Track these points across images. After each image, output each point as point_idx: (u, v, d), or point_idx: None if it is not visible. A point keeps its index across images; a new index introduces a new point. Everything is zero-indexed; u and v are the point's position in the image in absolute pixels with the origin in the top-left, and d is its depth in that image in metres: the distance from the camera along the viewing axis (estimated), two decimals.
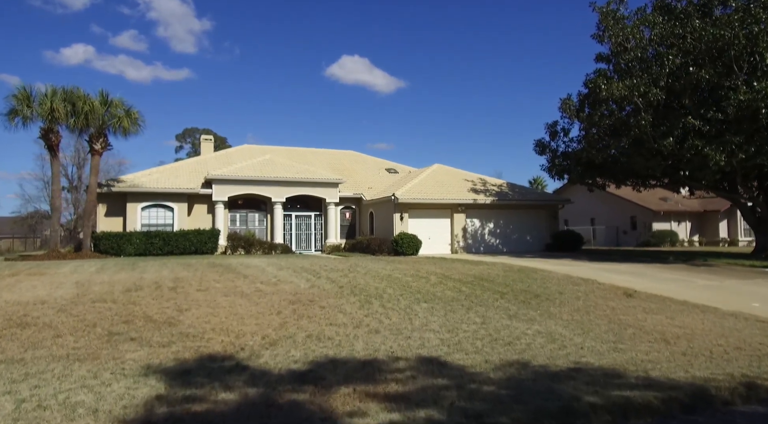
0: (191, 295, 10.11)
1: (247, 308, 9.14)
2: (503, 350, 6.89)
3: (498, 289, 11.58)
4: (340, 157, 33.61)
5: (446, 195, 24.37)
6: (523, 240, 26.08)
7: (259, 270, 14.14)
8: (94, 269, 14.22)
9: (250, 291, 10.68)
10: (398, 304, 9.79)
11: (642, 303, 10.41)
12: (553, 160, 23.50)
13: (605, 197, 34.59)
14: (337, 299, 10.05)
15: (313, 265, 15.65)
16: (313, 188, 26.16)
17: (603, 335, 7.80)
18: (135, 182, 23.78)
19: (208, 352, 6.75)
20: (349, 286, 11.54)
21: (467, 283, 12.35)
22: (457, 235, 24.60)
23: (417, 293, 10.92)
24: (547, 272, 14.42)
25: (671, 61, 17.71)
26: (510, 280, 12.88)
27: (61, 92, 20.60)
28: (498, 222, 25.70)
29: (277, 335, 7.59)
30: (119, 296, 9.84)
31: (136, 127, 22.00)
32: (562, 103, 21.01)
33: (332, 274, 13.43)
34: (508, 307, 9.80)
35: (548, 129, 23.64)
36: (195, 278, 12.37)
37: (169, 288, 10.79)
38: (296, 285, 11.60)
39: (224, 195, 24.72)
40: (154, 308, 8.97)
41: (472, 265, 16.29)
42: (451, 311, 9.33)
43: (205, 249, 23.10)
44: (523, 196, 26.42)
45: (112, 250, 21.44)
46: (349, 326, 8.20)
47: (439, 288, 11.56)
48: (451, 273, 14.01)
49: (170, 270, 14.03)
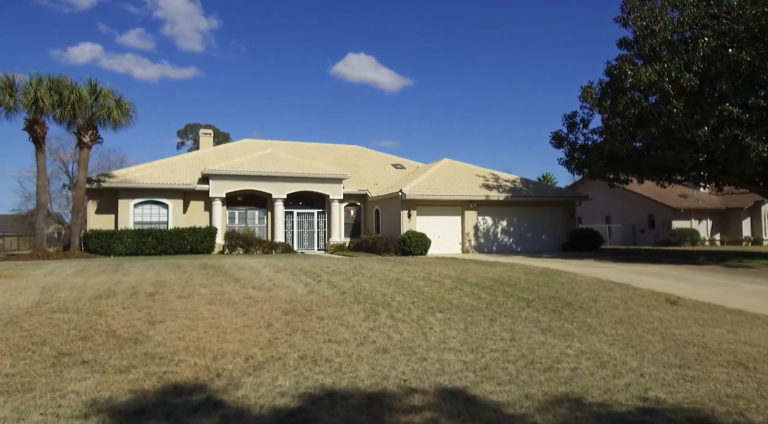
0: (170, 303, 8.76)
1: (232, 320, 7.77)
2: (544, 379, 5.48)
3: (522, 295, 10.16)
4: (345, 153, 32.21)
5: (457, 191, 22.92)
6: (538, 239, 24.59)
7: (254, 272, 12.78)
8: (72, 271, 12.91)
9: (239, 298, 9.31)
10: (409, 314, 8.40)
11: (691, 313, 8.96)
12: (572, 153, 21.97)
13: (621, 194, 32.99)
14: (338, 308, 8.67)
15: (314, 266, 14.28)
16: (316, 184, 24.79)
17: (662, 357, 6.37)
18: (127, 177, 22.48)
19: (174, 380, 5.39)
20: (352, 292, 10.15)
21: (486, 288, 10.93)
22: (468, 233, 23.14)
23: (430, 300, 9.53)
24: (573, 275, 12.98)
25: (706, 43, 16.17)
26: (534, 284, 11.45)
27: (47, 81, 19.29)
28: (511, 220, 24.22)
29: (264, 355, 6.22)
30: (85, 305, 8.49)
31: (127, 119, 20.69)
32: (583, 91, 19.46)
33: (334, 277, 12.05)
34: (537, 318, 8.38)
35: (566, 120, 22.11)
36: (179, 281, 11.02)
37: (146, 294, 9.44)
38: (293, 291, 10.22)
39: (222, 191, 23.40)
40: (122, 319, 7.61)
41: (488, 266, 14.86)
42: (472, 324, 7.92)
43: (201, 248, 21.79)
44: (539, 192, 24.89)
45: (102, 249, 20.17)
46: (351, 343, 6.82)
47: (454, 294, 10.15)
48: (466, 276, 12.59)
49: (156, 272, 12.70)
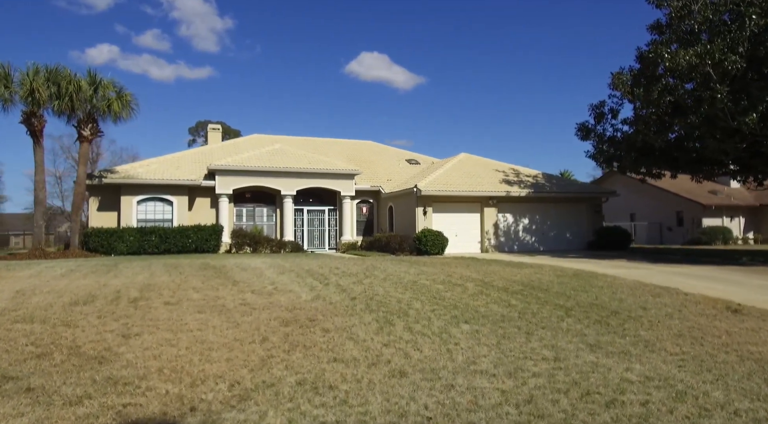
0: (154, 311, 7.63)
1: (221, 333, 6.61)
2: (610, 419, 4.22)
3: (558, 302, 8.86)
4: (357, 148, 31.03)
5: (475, 187, 21.59)
6: (561, 237, 23.15)
7: (256, 274, 11.65)
8: (60, 272, 11.90)
9: (234, 305, 8.15)
10: (430, 325, 7.17)
11: (762, 324, 7.59)
12: (600, 145, 20.51)
13: (647, 190, 31.33)
14: (347, 318, 7.46)
15: (323, 267, 13.11)
16: (326, 180, 23.64)
17: (749, 385, 5.06)
18: (130, 173, 21.54)
19: (136, 416, 4.23)
20: (363, 297, 8.94)
21: (515, 293, 9.64)
22: (487, 231, 21.81)
23: (453, 307, 8.28)
24: (610, 278, 11.62)
25: (753, 21, 14.66)
26: (569, 289, 10.14)
27: (45, 71, 18.40)
28: (534, 217, 22.82)
29: (254, 380, 5.04)
30: (56, 313, 7.40)
31: (128, 111, 19.73)
32: (614, 78, 17.97)
33: (344, 280, 10.85)
34: (581, 330, 7.09)
35: (593, 111, 20.62)
36: (172, 284, 9.91)
37: (129, 300, 8.32)
38: (296, 296, 9.05)
39: (228, 187, 22.37)
40: (92, 332, 6.49)
41: (514, 268, 13.56)
42: (505, 338, 6.66)
43: (207, 247, 20.76)
44: (562, 188, 23.43)
45: (102, 248, 19.23)
46: (361, 363, 5.62)
47: (480, 301, 8.89)
48: (490, 279, 11.31)
49: (150, 274, 11.63)
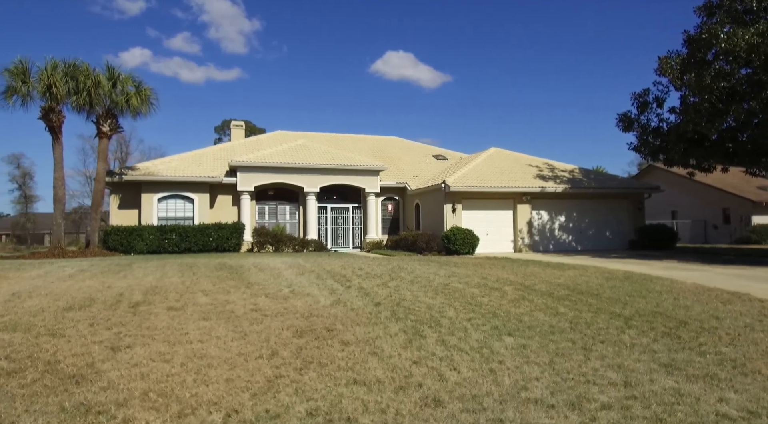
0: (153, 317, 6.79)
1: (224, 345, 5.71)
2: None
3: (614, 309, 7.69)
4: (383, 144, 30.05)
5: (508, 182, 20.35)
6: (601, 236, 21.70)
7: (273, 275, 10.78)
8: (69, 272, 11.28)
9: (244, 311, 7.26)
10: (467, 338, 6.12)
11: None
12: (643, 137, 19.00)
13: (690, 186, 29.46)
14: (370, 328, 6.48)
15: (345, 267, 12.18)
16: (350, 177, 22.75)
17: None
18: (150, 170, 21.06)
19: None
20: (389, 302, 7.95)
21: (562, 298, 8.50)
22: (521, 230, 20.54)
23: (492, 316, 7.20)
24: (666, 281, 10.33)
25: None
26: (623, 294, 8.93)
27: (63, 66, 18.00)
28: (571, 215, 21.43)
29: (256, 409, 4.10)
30: (46, 319, 6.64)
31: (147, 107, 19.22)
32: (661, 63, 16.50)
33: (367, 282, 9.88)
34: (649, 346, 5.93)
35: (636, 100, 19.11)
36: (181, 286, 9.11)
37: (130, 305, 7.52)
38: (314, 300, 8.11)
39: (250, 184, 21.67)
40: (78, 343, 5.66)
41: (555, 269, 12.35)
42: (559, 354, 5.57)
43: (228, 246, 20.11)
44: (602, 183, 21.94)
45: (122, 247, 18.76)
46: (387, 386, 4.62)
47: (523, 308, 7.78)
48: (531, 282, 10.18)
49: (161, 274, 10.90)
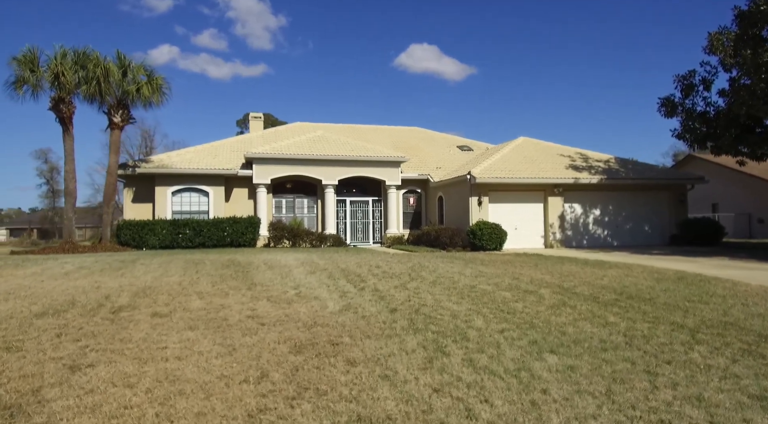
0: (133, 326, 5.88)
1: (205, 364, 4.73)
2: None
3: (673, 319, 6.45)
4: (404, 135, 28.91)
5: (538, 173, 19.01)
6: (638, 231, 20.18)
7: (281, 274, 9.83)
8: (65, 270, 10.55)
9: (239, 318, 6.30)
10: (500, 357, 5.00)
11: None
12: (689, 123, 17.43)
13: (733, 178, 27.54)
14: (382, 341, 5.42)
15: (361, 265, 11.16)
16: (370, 168, 21.72)
17: None
18: (164, 162, 20.41)
19: None
20: (407, 309, 6.88)
21: (609, 304, 7.29)
22: (552, 224, 19.19)
23: (528, 326, 6.06)
24: (727, 283, 8.99)
25: None
26: (680, 299, 7.66)
27: (72, 55, 17.40)
28: (606, 208, 19.96)
29: None
30: (10, 328, 5.77)
31: (159, 97, 18.52)
32: (712, 39, 14.94)
33: (384, 283, 8.84)
34: (728, 368, 4.70)
35: (680, 82, 17.54)
36: (176, 287, 8.22)
37: (112, 310, 6.64)
38: (321, 305, 7.11)
39: (266, 177, 20.85)
40: (33, 359, 4.76)
41: (595, 268, 11.08)
42: (617, 380, 4.40)
43: (243, 241, 19.34)
44: (641, 173, 20.36)
45: (134, 242, 18.16)
46: None
47: (565, 316, 6.61)
48: (570, 283, 8.97)
49: (163, 272, 10.08)
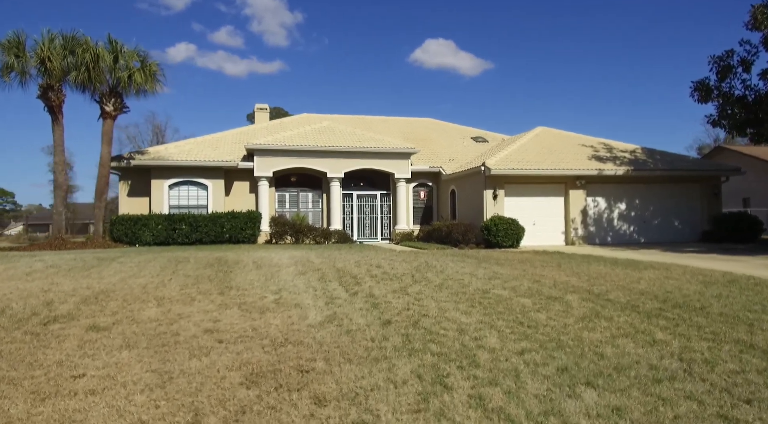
0: (56, 344, 4.73)
1: (123, 402, 3.54)
2: None
3: (737, 335, 5.10)
4: (415, 126, 27.56)
5: (558, 164, 17.57)
6: (668, 226, 18.64)
7: (267, 275, 8.66)
8: (37, 267, 9.52)
9: (194, 333, 5.12)
10: (520, 392, 3.73)
11: None
12: (725, 108, 15.87)
13: (765, 170, 25.74)
14: (366, 368, 4.18)
15: (360, 264, 9.95)
16: (378, 160, 20.48)
17: None
18: (161, 154, 19.40)
19: None
20: (404, 321, 5.64)
21: (652, 315, 5.96)
22: (574, 219, 17.75)
23: (555, 346, 4.77)
24: None
25: None
26: (738, 307, 6.30)
27: (61, 39, 16.42)
28: (632, 202, 18.45)
29: None
30: None
31: (152, 84, 17.47)
32: (755, 13, 13.35)
33: (381, 286, 7.60)
34: None
35: (716, 63, 15.97)
36: (137, 291, 7.09)
37: (45, 320, 5.52)
38: (300, 315, 5.90)
39: (268, 170, 19.73)
40: None
41: (626, 268, 9.71)
42: None
43: (242, 237, 18.25)
44: (671, 164, 18.75)
45: (126, 238, 17.18)
46: None
47: (600, 331, 5.30)
48: (601, 288, 7.64)
49: (135, 272, 8.99)
